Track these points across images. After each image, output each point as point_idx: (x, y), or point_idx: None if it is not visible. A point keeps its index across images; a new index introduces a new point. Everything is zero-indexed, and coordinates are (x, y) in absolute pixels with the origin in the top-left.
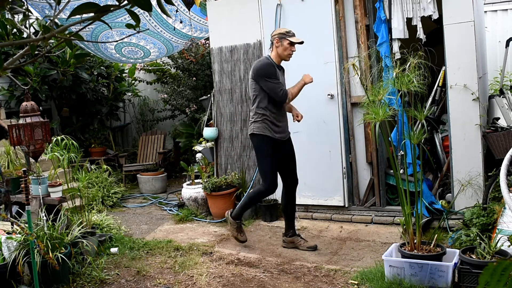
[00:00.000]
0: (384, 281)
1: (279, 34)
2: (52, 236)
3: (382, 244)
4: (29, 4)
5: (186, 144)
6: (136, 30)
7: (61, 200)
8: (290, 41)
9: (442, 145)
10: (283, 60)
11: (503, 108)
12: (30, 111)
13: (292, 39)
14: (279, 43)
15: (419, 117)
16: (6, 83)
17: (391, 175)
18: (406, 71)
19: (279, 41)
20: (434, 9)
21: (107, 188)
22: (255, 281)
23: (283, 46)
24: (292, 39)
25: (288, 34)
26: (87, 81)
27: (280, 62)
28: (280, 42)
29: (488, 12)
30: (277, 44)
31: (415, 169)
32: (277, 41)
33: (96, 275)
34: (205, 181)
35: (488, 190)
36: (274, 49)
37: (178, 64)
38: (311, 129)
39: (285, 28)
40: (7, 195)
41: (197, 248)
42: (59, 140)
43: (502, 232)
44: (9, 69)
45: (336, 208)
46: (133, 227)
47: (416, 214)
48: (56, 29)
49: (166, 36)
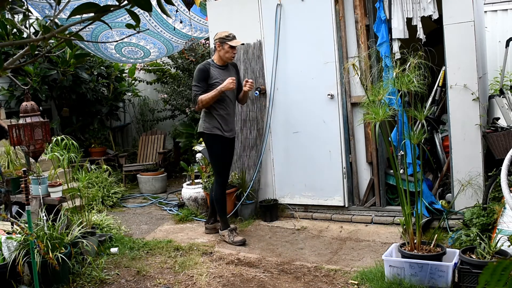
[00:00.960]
0: (384, 281)
1: (219, 38)
2: (52, 236)
3: (382, 244)
4: (29, 4)
5: (186, 144)
6: (136, 30)
7: (61, 200)
8: (230, 45)
9: (442, 145)
10: (227, 61)
11: (503, 108)
12: (30, 111)
13: (232, 43)
14: (220, 47)
15: (419, 117)
16: (6, 83)
17: (391, 175)
18: (406, 71)
19: (220, 45)
20: (434, 9)
21: (107, 188)
22: (255, 281)
23: (224, 50)
24: (231, 43)
25: (228, 38)
26: (87, 81)
27: (224, 63)
28: (221, 46)
29: (488, 12)
30: (219, 48)
31: (415, 169)
32: (218, 45)
33: (96, 275)
34: (205, 181)
35: (488, 190)
36: (216, 53)
37: (178, 64)
38: (311, 129)
39: (226, 32)
40: (7, 195)
41: (197, 248)
42: (59, 140)
43: (502, 232)
44: (9, 69)
45: (336, 208)
46: (133, 227)
47: (416, 214)
48: (56, 29)
49: (166, 36)
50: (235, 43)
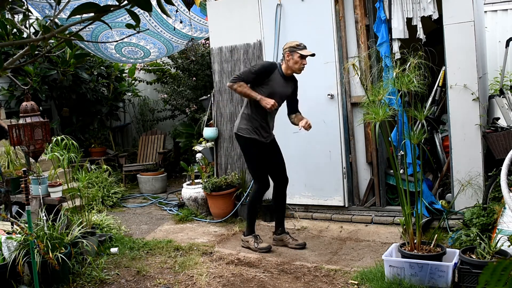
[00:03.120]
0: (384, 281)
1: (289, 47)
2: (52, 236)
3: (382, 244)
4: (29, 4)
5: (186, 144)
6: (136, 30)
7: (61, 200)
8: (301, 54)
9: (442, 145)
10: (295, 72)
11: (503, 108)
12: (30, 111)
13: (303, 52)
14: (289, 56)
15: (419, 117)
16: (6, 83)
17: (391, 175)
18: (406, 71)
19: (289, 55)
20: (434, 9)
21: (107, 188)
22: (255, 281)
23: (293, 60)
24: (302, 52)
25: (299, 47)
26: (87, 81)
27: (290, 74)
28: (291, 55)
29: (488, 12)
30: (288, 58)
31: (415, 169)
32: (288, 55)
33: (96, 275)
34: (205, 181)
35: (488, 190)
36: (285, 62)
37: (178, 64)
38: (311, 129)
39: (296, 41)
40: (7, 195)
41: (197, 248)
42: (59, 140)
43: (502, 232)
44: (9, 69)
45: (336, 208)
46: (133, 227)
47: (416, 214)
48: (56, 29)
49: (166, 36)
50: (306, 53)
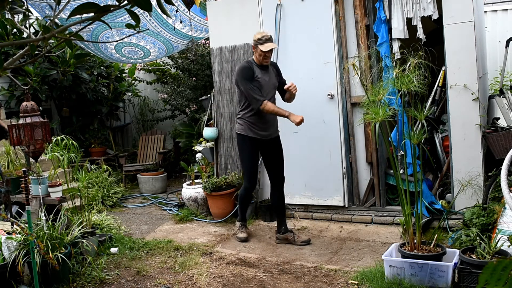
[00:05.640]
0: (384, 281)
1: (253, 40)
2: (52, 236)
3: (382, 244)
4: (29, 4)
5: (186, 144)
6: (136, 30)
7: (61, 200)
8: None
9: (442, 145)
10: (262, 63)
11: (503, 108)
12: (30, 111)
13: (263, 47)
14: (254, 49)
15: (419, 117)
16: (6, 83)
17: (391, 175)
18: (406, 71)
19: (254, 47)
20: (434, 9)
21: (107, 188)
22: (255, 281)
23: (258, 52)
24: (262, 48)
25: (260, 41)
26: (87, 81)
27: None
28: (256, 48)
29: (488, 12)
30: (253, 50)
31: (415, 169)
32: (253, 48)
33: (96, 275)
34: (205, 181)
35: (488, 190)
36: (254, 54)
37: (178, 64)
38: (311, 129)
39: (261, 33)
40: (7, 195)
41: (197, 248)
42: (59, 140)
43: (502, 232)
44: (9, 69)
45: (336, 208)
46: (133, 227)
47: (416, 214)
48: (56, 29)
49: (166, 36)
50: (264, 48)
